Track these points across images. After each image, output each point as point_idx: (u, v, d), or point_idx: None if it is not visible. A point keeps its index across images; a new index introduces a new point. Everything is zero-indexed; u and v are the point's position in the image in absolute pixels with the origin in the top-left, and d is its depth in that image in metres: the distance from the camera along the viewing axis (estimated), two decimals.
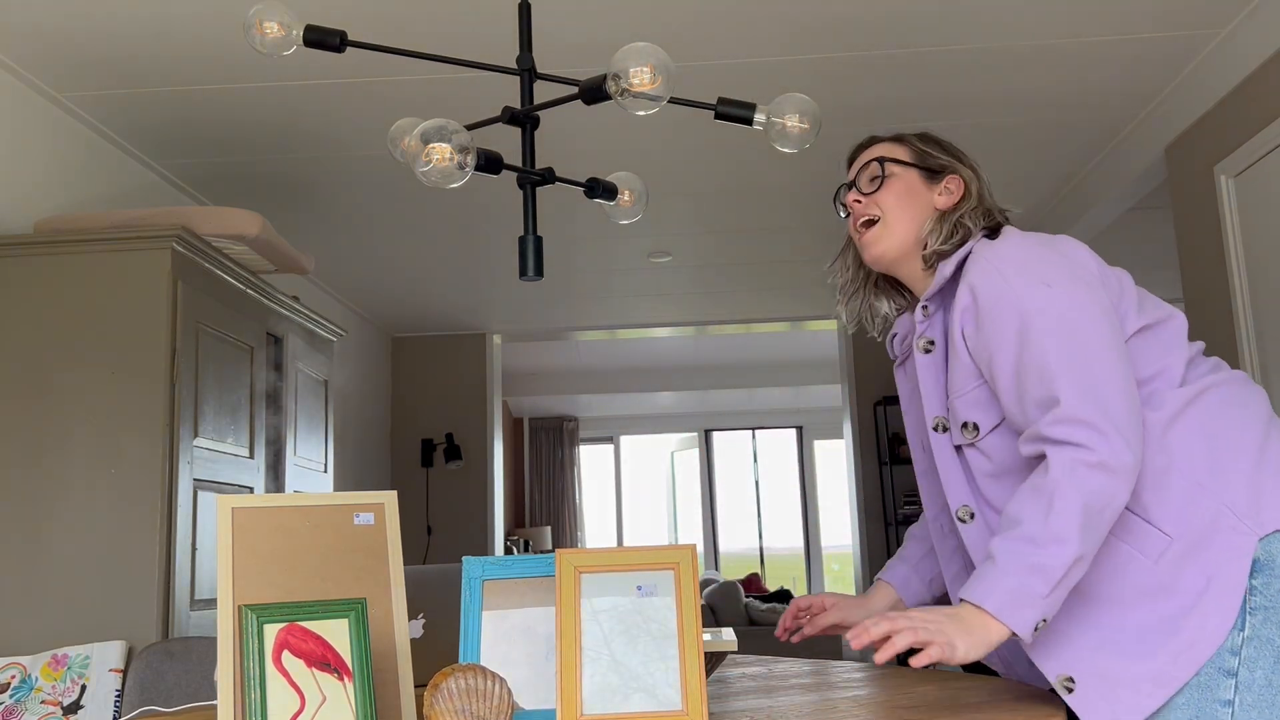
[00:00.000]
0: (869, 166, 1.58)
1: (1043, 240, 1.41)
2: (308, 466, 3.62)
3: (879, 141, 1.61)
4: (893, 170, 1.56)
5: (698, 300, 6.27)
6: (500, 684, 1.16)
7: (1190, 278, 3.54)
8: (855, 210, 1.58)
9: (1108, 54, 3.22)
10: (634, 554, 1.30)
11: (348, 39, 1.70)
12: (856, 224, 1.58)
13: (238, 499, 1.24)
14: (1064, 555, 1.21)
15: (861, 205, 1.57)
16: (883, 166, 1.56)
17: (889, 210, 1.54)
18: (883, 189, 1.55)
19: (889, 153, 1.58)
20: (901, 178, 1.56)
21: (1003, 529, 1.27)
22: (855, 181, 1.59)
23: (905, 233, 1.53)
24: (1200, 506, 1.28)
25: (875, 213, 1.55)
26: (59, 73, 3.06)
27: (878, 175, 1.57)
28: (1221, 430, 1.33)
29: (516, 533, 9.42)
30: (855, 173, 1.60)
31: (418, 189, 4.19)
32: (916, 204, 1.54)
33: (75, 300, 2.72)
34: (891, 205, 1.54)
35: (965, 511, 1.45)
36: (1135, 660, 1.24)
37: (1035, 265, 1.36)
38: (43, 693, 2.47)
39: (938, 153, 1.57)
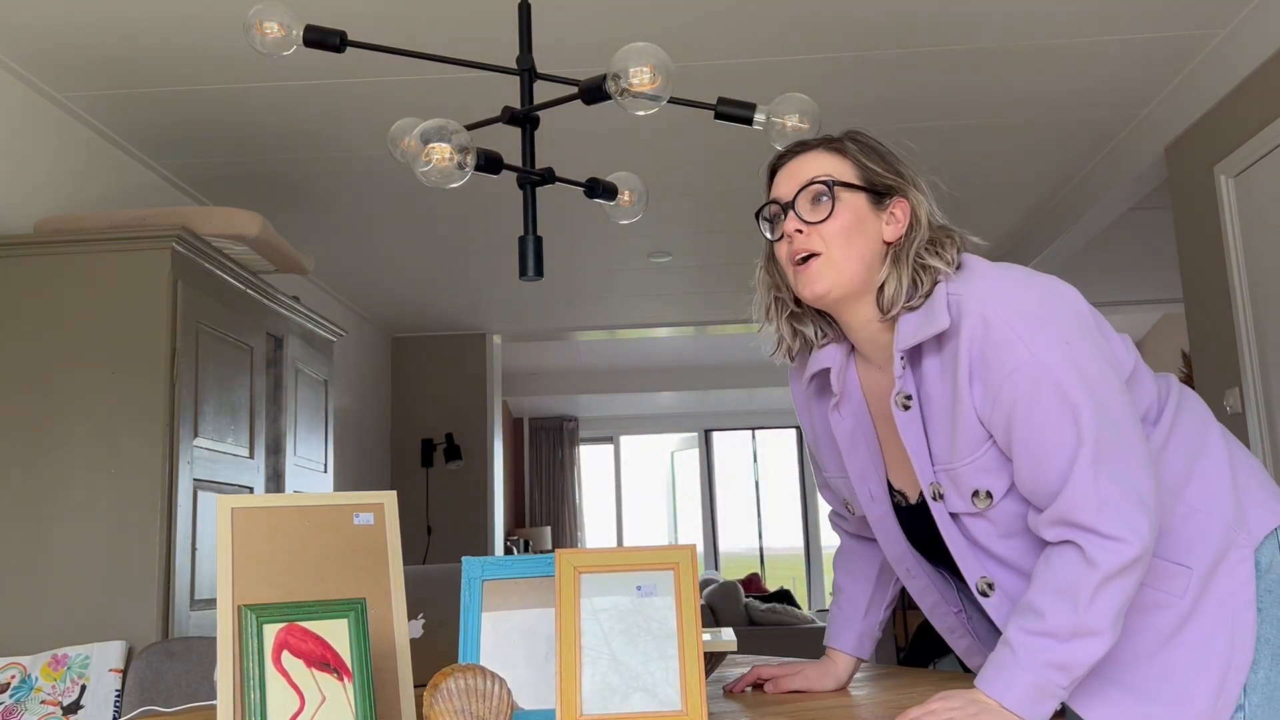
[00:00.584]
0: (812, 187, 1.34)
1: (1034, 279, 1.27)
2: (308, 466, 3.62)
3: (810, 149, 1.38)
4: (839, 194, 1.33)
5: (698, 300, 6.27)
6: (500, 684, 1.16)
7: (1190, 278, 3.54)
8: (796, 241, 1.33)
9: (1108, 54, 3.22)
10: (634, 554, 1.30)
11: (348, 39, 1.70)
12: (794, 257, 1.34)
13: (238, 499, 1.24)
14: (1096, 649, 1.17)
15: (803, 236, 1.33)
16: (831, 190, 1.33)
17: (835, 245, 1.32)
18: (830, 218, 1.32)
19: (833, 169, 1.34)
20: (848, 204, 1.33)
21: (1022, 617, 1.20)
22: (793, 204, 1.34)
23: (853, 271, 1.32)
24: (1205, 531, 1.28)
25: (819, 247, 1.32)
26: (60, 73, 3.06)
27: (826, 199, 1.33)
28: (1196, 451, 1.33)
29: (516, 533, 9.42)
30: (795, 192, 1.35)
31: (418, 189, 4.19)
32: (864, 236, 1.33)
33: (75, 300, 2.72)
34: (838, 239, 1.32)
35: (984, 584, 1.33)
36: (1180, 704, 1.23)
37: (1045, 315, 1.22)
38: (43, 693, 2.47)
39: (883, 170, 1.35)
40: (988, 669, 1.21)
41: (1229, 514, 1.29)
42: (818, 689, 1.52)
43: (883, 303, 1.32)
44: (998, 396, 1.22)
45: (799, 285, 1.35)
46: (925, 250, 1.31)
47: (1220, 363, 3.35)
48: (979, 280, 1.27)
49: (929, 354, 1.30)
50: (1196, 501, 1.29)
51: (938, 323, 1.25)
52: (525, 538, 9.16)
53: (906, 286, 1.30)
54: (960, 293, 1.26)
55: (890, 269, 1.32)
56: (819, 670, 1.54)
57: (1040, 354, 1.19)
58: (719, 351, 8.53)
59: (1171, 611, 1.25)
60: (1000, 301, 1.23)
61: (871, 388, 1.41)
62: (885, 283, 1.32)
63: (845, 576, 1.61)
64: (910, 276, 1.30)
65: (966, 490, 1.28)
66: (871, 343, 1.37)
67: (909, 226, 1.33)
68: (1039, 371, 1.19)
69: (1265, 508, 1.31)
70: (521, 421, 10.30)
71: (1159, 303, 6.68)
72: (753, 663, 1.83)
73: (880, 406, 1.40)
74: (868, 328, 1.36)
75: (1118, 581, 1.17)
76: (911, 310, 1.30)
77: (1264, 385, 3.11)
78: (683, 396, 9.72)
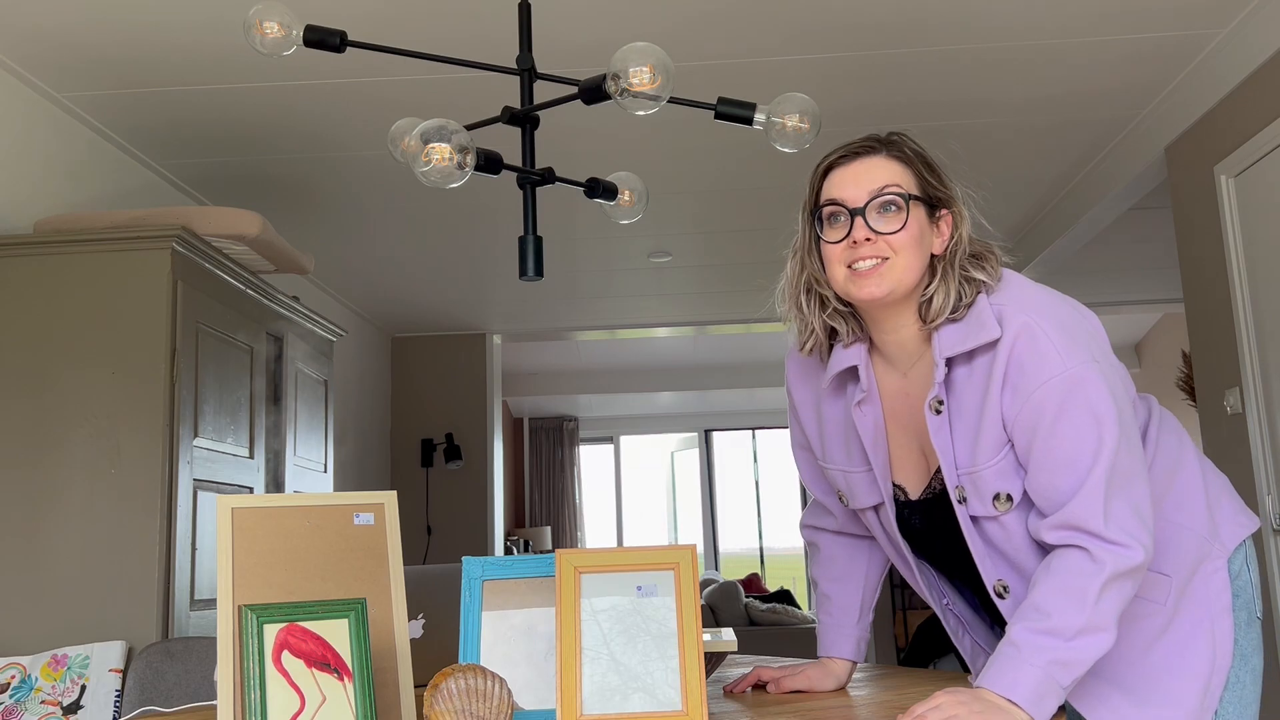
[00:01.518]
0: (885, 197, 1.34)
1: (1065, 299, 1.33)
2: (308, 466, 3.62)
3: (876, 154, 1.38)
4: (910, 206, 1.35)
5: (698, 300, 6.27)
6: (500, 684, 1.16)
7: (1190, 278, 3.54)
8: (863, 248, 1.33)
9: (1108, 54, 3.22)
10: (634, 554, 1.30)
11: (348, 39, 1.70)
12: (857, 261, 1.34)
13: (238, 499, 1.24)
14: (1100, 646, 1.21)
15: (871, 244, 1.33)
16: (906, 203, 1.34)
17: (902, 253, 1.33)
18: (902, 230, 1.33)
19: (900, 179, 1.36)
20: (915, 215, 1.35)
21: (1026, 616, 1.23)
22: (864, 210, 1.34)
23: (912, 279, 1.34)
24: (1183, 542, 1.37)
25: (886, 253, 1.33)
26: (59, 73, 3.06)
27: (896, 210, 1.34)
28: (1175, 468, 1.41)
29: (516, 533, 9.42)
30: (866, 200, 1.34)
31: (418, 189, 4.18)
32: (925, 246, 1.35)
33: (75, 300, 2.72)
34: (905, 247, 1.33)
35: (1000, 586, 1.37)
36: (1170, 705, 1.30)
37: (1078, 333, 1.28)
38: (43, 693, 2.47)
39: (937, 184, 1.38)
40: (991, 667, 1.23)
41: (1204, 526, 1.38)
42: (819, 689, 1.53)
43: (928, 313, 1.35)
44: (1028, 402, 1.26)
45: (856, 287, 1.35)
46: (969, 263, 1.35)
47: (1220, 363, 3.35)
48: (1019, 292, 1.33)
49: (959, 362, 1.34)
50: (1174, 514, 1.38)
51: (987, 333, 1.29)
52: (525, 538, 9.16)
53: (953, 299, 1.34)
54: (1002, 303, 1.31)
55: (939, 282, 1.35)
56: (820, 671, 1.55)
57: (1075, 368, 1.25)
58: (719, 351, 8.53)
59: (1156, 619, 1.34)
60: (1041, 314, 1.28)
61: (886, 388, 1.44)
62: (934, 295, 1.35)
63: (832, 584, 1.61)
64: (956, 290, 1.34)
65: (988, 494, 1.32)
66: (900, 347, 1.40)
67: (951, 238, 1.37)
68: (1072, 384, 1.24)
69: (1235, 521, 1.41)
70: (521, 421, 10.29)
71: (1159, 303, 6.68)
72: (753, 663, 1.83)
73: (892, 405, 1.43)
74: (901, 332, 1.39)
75: (1121, 583, 1.22)
76: (954, 321, 1.34)
77: (1264, 385, 3.11)
78: (683, 396, 9.72)
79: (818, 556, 1.63)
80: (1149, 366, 8.65)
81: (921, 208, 1.36)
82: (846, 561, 1.61)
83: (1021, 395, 1.27)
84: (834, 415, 1.49)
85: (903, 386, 1.42)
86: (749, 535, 10.51)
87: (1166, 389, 8.13)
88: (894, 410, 1.43)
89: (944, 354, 1.33)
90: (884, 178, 1.36)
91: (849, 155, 1.40)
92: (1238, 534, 1.40)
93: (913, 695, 1.43)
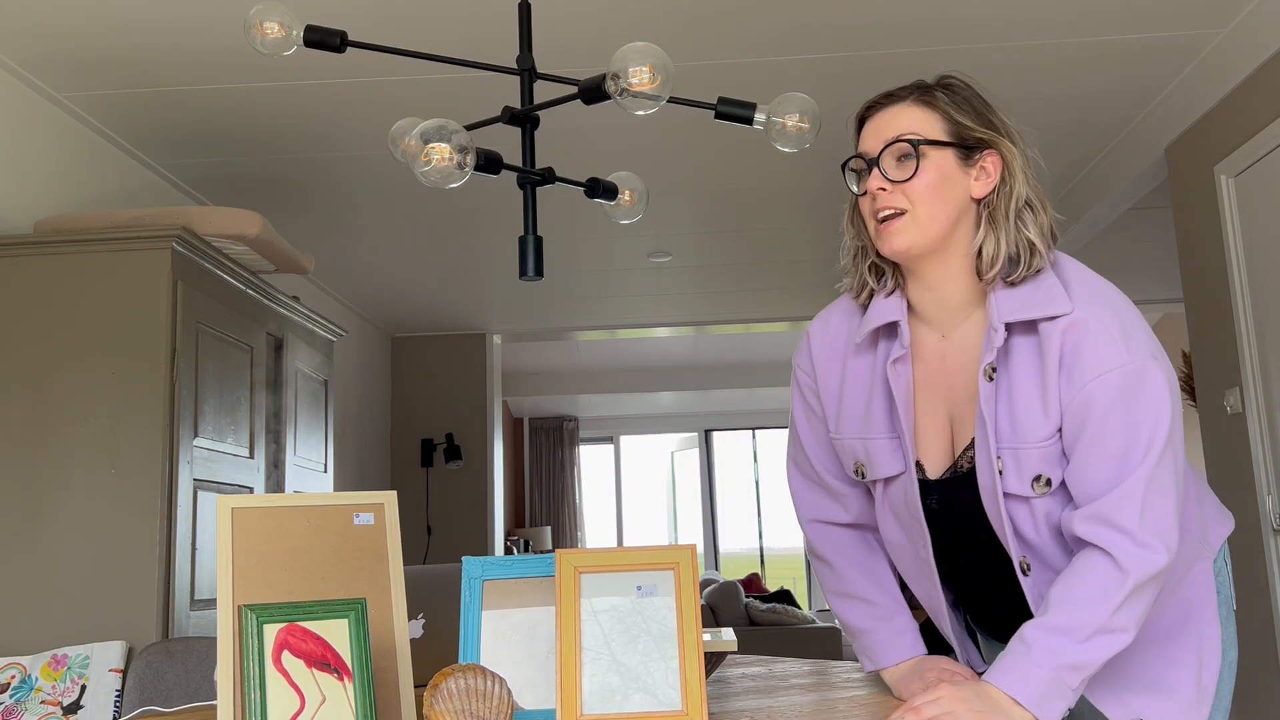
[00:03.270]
0: (897, 145, 1.31)
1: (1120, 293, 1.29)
2: (308, 466, 3.62)
3: (900, 101, 1.34)
4: (925, 152, 1.29)
5: (698, 300, 6.27)
6: (500, 684, 1.16)
7: (1190, 278, 3.54)
8: (879, 199, 1.31)
9: (1108, 54, 3.22)
10: (634, 554, 1.30)
11: (348, 39, 1.70)
12: (877, 213, 1.32)
13: (238, 499, 1.24)
14: (1115, 646, 1.20)
15: (887, 194, 1.30)
16: (916, 149, 1.29)
17: (920, 203, 1.29)
18: (915, 177, 1.29)
19: (920, 126, 1.31)
20: (935, 161, 1.29)
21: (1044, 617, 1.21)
22: (878, 160, 1.31)
23: (937, 229, 1.29)
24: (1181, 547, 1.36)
25: (903, 204, 1.29)
26: (60, 73, 3.06)
27: (910, 158, 1.30)
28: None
29: (516, 533, 9.42)
30: (880, 149, 1.32)
31: (418, 189, 4.19)
32: (952, 193, 1.30)
33: (75, 300, 2.72)
34: (924, 197, 1.29)
35: (1025, 563, 1.34)
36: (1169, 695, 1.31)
37: (1138, 328, 1.24)
38: (43, 693, 2.47)
39: (974, 123, 1.31)
40: (1000, 663, 1.22)
41: (1197, 529, 1.39)
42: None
43: (981, 265, 1.29)
44: (1081, 391, 1.22)
45: (880, 241, 1.32)
46: (1025, 213, 1.29)
47: (1220, 363, 3.35)
48: (1081, 274, 1.28)
49: (1017, 333, 1.28)
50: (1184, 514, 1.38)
51: (1056, 305, 1.24)
52: (525, 538, 9.16)
53: (1005, 250, 1.28)
54: (1067, 280, 1.27)
55: (987, 230, 1.29)
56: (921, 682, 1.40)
57: (1137, 361, 1.21)
58: (719, 351, 8.53)
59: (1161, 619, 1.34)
60: (1103, 303, 1.24)
61: (921, 350, 1.38)
62: (983, 245, 1.29)
63: (869, 586, 1.48)
64: (1012, 242, 1.28)
65: (1029, 474, 1.28)
66: (941, 304, 1.34)
67: (1000, 180, 1.30)
68: (1133, 378, 1.21)
69: (1218, 521, 1.43)
70: (521, 421, 10.30)
71: (1159, 303, 6.68)
72: (754, 663, 1.83)
73: (925, 370, 1.37)
74: (944, 288, 1.33)
75: (1143, 590, 1.21)
76: (1013, 285, 1.28)
77: (1264, 385, 3.11)
78: (683, 396, 9.72)
79: (833, 555, 1.50)
80: None
81: (947, 152, 1.30)
82: (872, 557, 1.50)
83: (1076, 384, 1.23)
84: (858, 376, 1.41)
85: (939, 349, 1.36)
86: (749, 535, 10.51)
87: None
88: (926, 376, 1.37)
89: (1004, 318, 1.26)
90: (902, 125, 1.32)
91: (875, 105, 1.38)
92: (1221, 534, 1.42)
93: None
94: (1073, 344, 1.23)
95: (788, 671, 1.70)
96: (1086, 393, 1.22)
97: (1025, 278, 1.28)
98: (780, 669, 1.74)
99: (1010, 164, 1.31)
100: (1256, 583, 3.18)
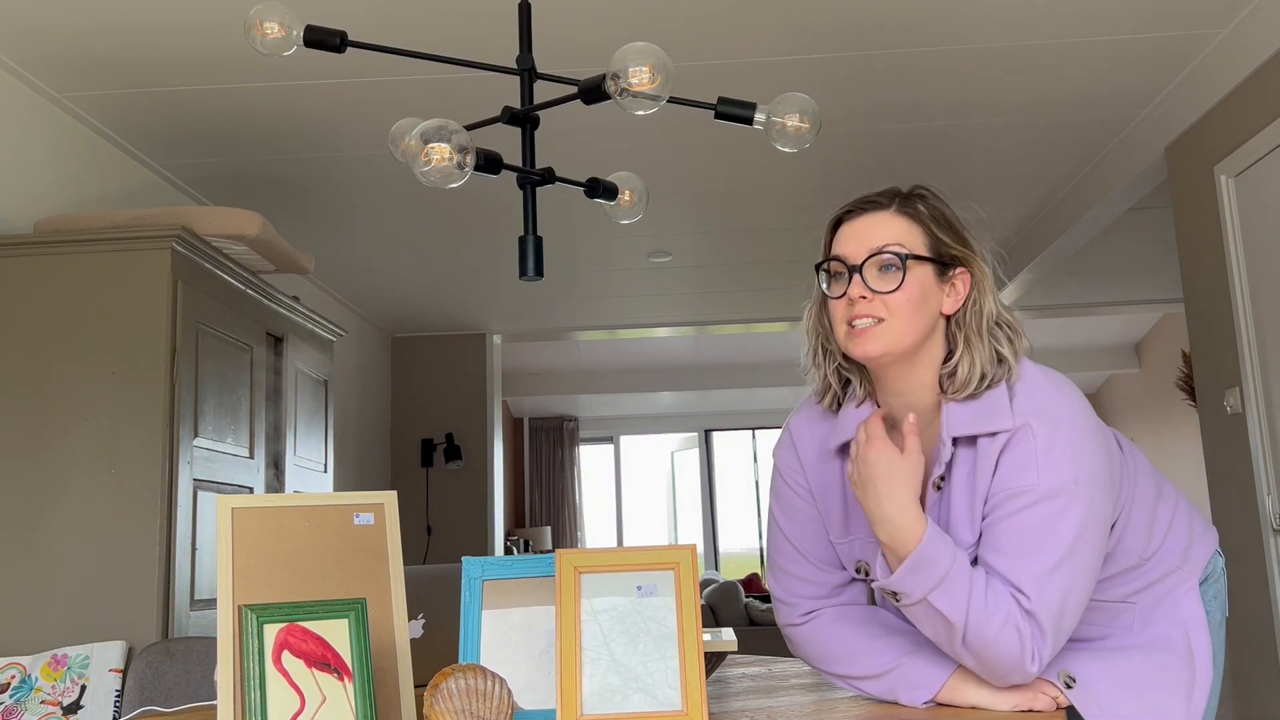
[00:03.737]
0: (882, 255, 1.31)
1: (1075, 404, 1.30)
2: (308, 466, 3.62)
3: (883, 209, 1.35)
4: (909, 265, 1.30)
5: (698, 300, 6.27)
6: (500, 684, 1.16)
7: (1190, 278, 3.54)
8: (858, 306, 1.31)
9: (1108, 54, 3.22)
10: (634, 554, 1.30)
11: (348, 39, 1.70)
12: (854, 320, 1.32)
13: (238, 499, 1.24)
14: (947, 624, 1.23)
15: (867, 303, 1.31)
16: (904, 263, 1.30)
17: (898, 315, 1.30)
18: (899, 290, 1.30)
19: (904, 238, 1.32)
20: (917, 275, 1.31)
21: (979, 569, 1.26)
22: (861, 268, 1.31)
23: (911, 341, 1.31)
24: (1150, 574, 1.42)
25: (882, 314, 1.30)
26: (60, 73, 3.06)
27: (895, 269, 1.30)
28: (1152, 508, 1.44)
29: (516, 533, 9.42)
30: (864, 257, 1.32)
31: (418, 189, 4.18)
32: (927, 307, 1.32)
33: (75, 300, 2.72)
34: (902, 309, 1.30)
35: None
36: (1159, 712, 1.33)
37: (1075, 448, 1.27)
38: (43, 693, 2.47)
39: (952, 241, 1.34)
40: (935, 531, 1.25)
41: (1176, 558, 1.42)
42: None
43: (951, 384, 1.32)
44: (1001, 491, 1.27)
45: (851, 345, 1.33)
46: (997, 332, 1.33)
47: (1220, 363, 3.35)
48: (1031, 388, 1.30)
49: (960, 445, 1.32)
50: (1160, 542, 1.42)
51: (998, 421, 1.27)
52: (525, 538, 9.16)
53: (979, 369, 1.31)
54: (1014, 394, 1.29)
55: (964, 351, 1.32)
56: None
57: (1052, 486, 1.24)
58: (719, 351, 8.53)
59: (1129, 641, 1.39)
60: (1042, 419, 1.26)
61: None
62: (958, 365, 1.32)
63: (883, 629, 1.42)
64: (984, 363, 1.31)
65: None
66: (906, 408, 1.36)
67: (968, 298, 1.34)
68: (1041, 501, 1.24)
69: (1202, 540, 1.46)
70: (521, 421, 10.29)
71: (1159, 303, 6.68)
72: (754, 663, 1.83)
73: None
74: (910, 395, 1.35)
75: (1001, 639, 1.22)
76: (972, 398, 1.31)
77: (1264, 385, 3.11)
78: (683, 396, 9.72)
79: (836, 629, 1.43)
80: (1149, 366, 8.66)
81: (928, 267, 1.32)
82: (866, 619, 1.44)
83: (1000, 489, 1.27)
84: (832, 480, 1.44)
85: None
86: (749, 535, 10.51)
87: (1166, 389, 8.13)
88: None
89: (951, 433, 1.30)
90: (887, 235, 1.32)
91: (856, 209, 1.38)
92: (1206, 552, 1.46)
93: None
94: (1008, 454, 1.27)
95: (788, 671, 1.70)
96: (1004, 493, 1.27)
97: (979, 393, 1.31)
98: (780, 669, 1.73)
99: (980, 282, 1.34)
100: (1257, 583, 3.18)
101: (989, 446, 1.28)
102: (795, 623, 1.46)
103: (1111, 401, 9.50)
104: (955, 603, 1.22)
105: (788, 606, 1.47)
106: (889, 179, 1.53)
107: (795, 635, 1.47)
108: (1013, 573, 1.24)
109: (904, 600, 1.25)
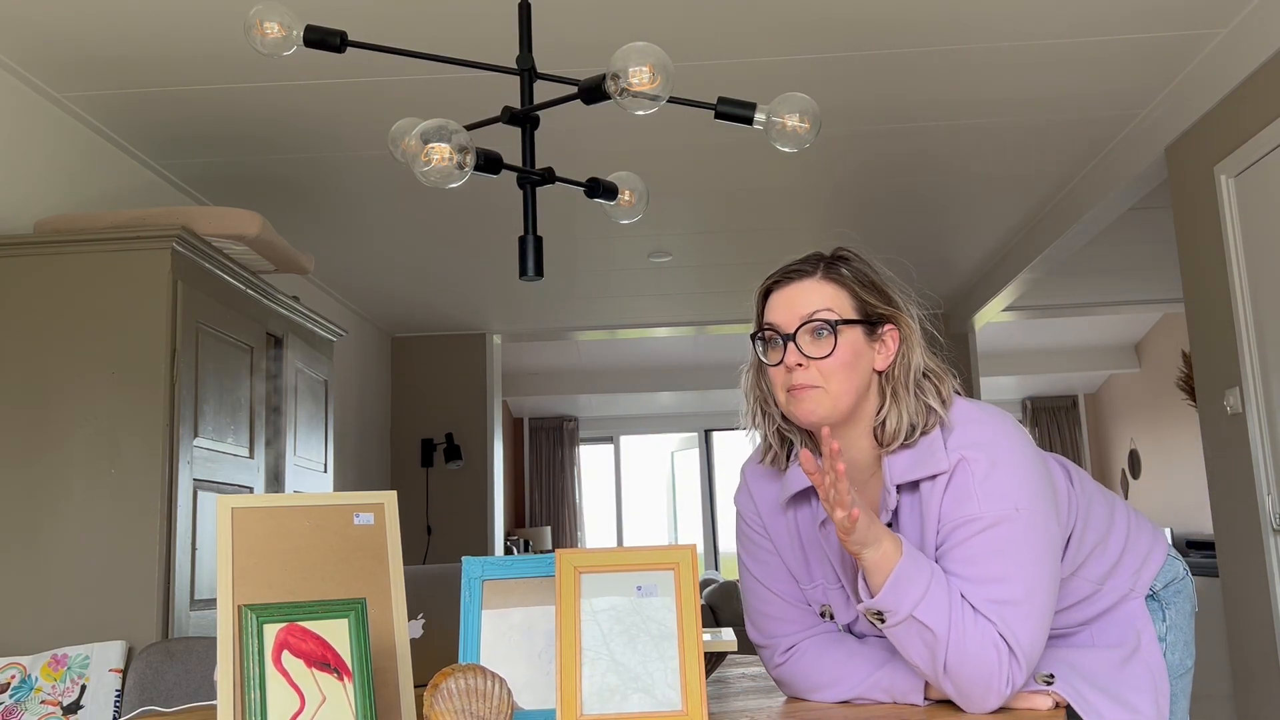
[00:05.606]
0: (812, 323, 1.35)
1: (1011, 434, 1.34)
2: (308, 466, 3.62)
3: (808, 276, 1.39)
4: (839, 330, 1.35)
5: (698, 300, 6.27)
6: (500, 684, 1.16)
7: (1190, 278, 3.54)
8: (795, 374, 1.35)
9: (1108, 54, 3.22)
10: (634, 554, 1.30)
11: (348, 39, 1.70)
12: (790, 386, 1.36)
13: (238, 499, 1.24)
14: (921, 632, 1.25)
15: (803, 370, 1.35)
16: (834, 330, 1.35)
17: (833, 378, 1.34)
18: (831, 355, 1.34)
19: (832, 303, 1.36)
20: (848, 338, 1.35)
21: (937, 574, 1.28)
22: (794, 336, 1.36)
23: (848, 402, 1.35)
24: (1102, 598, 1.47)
25: (817, 380, 1.34)
26: (59, 73, 3.06)
27: (827, 334, 1.35)
28: (1104, 532, 1.48)
29: (516, 533, 9.42)
30: (796, 326, 1.36)
31: (418, 189, 4.18)
32: (860, 367, 1.36)
33: (75, 300, 2.72)
34: (836, 373, 1.34)
35: None
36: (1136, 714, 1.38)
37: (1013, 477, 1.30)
38: (43, 693, 2.47)
39: (877, 300, 1.38)
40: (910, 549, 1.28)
41: (1127, 580, 1.49)
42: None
43: (883, 436, 1.36)
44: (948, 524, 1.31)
45: (792, 409, 1.37)
46: (924, 383, 1.37)
47: (1220, 363, 3.35)
48: (965, 423, 1.35)
49: (904, 491, 1.36)
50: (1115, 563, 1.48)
51: (935, 464, 1.32)
52: (525, 538, 9.16)
53: (907, 421, 1.35)
54: (949, 433, 1.34)
55: (890, 404, 1.36)
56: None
57: (995, 513, 1.28)
58: (719, 351, 8.53)
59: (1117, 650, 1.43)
60: (979, 451, 1.31)
61: None
62: (887, 417, 1.36)
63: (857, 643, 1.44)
64: (911, 414, 1.35)
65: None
66: (851, 464, 1.41)
67: (898, 353, 1.38)
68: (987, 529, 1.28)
69: (1150, 559, 1.51)
70: (521, 421, 10.29)
71: (1159, 303, 6.68)
72: (754, 663, 1.83)
73: None
74: (851, 451, 1.40)
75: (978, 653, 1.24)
76: (908, 447, 1.35)
77: (1264, 385, 3.11)
78: (683, 396, 9.71)
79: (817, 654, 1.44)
80: (1149, 366, 8.65)
81: (857, 329, 1.37)
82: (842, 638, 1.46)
83: (946, 522, 1.31)
84: (795, 531, 1.47)
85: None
86: None
87: (1166, 389, 8.13)
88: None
89: (895, 480, 1.35)
90: (815, 302, 1.37)
91: (784, 279, 1.42)
92: (1154, 570, 1.51)
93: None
94: (951, 494, 1.31)
95: None
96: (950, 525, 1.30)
97: (913, 441, 1.35)
98: None
99: (908, 337, 1.39)
100: (1257, 583, 3.17)
101: (931, 489, 1.33)
102: (778, 662, 1.47)
103: (1111, 401, 9.50)
104: (938, 614, 1.24)
105: (768, 649, 1.49)
106: (889, 179, 1.54)
107: (782, 675, 1.47)
108: (976, 600, 1.26)
109: (889, 619, 1.26)
